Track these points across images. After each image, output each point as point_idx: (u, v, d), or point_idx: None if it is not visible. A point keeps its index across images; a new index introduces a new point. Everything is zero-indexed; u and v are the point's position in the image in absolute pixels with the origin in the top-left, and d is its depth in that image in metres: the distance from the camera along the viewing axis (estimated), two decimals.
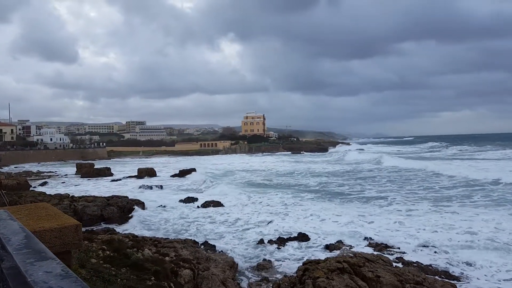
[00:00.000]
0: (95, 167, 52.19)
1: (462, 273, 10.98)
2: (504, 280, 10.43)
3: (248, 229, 17.01)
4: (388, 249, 13.36)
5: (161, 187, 34.53)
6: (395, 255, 12.52)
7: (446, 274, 10.78)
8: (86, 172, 49.50)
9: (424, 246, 13.55)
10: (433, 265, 11.56)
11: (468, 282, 10.34)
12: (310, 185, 33.39)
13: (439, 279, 9.56)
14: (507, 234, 14.62)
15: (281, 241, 14.67)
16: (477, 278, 10.59)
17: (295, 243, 14.49)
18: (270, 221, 18.06)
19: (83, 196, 23.97)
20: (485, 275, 10.76)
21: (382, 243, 13.94)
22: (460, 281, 10.34)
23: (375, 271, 9.09)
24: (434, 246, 13.41)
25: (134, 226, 18.83)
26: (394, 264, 10.71)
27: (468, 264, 11.67)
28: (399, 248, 13.46)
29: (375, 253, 11.63)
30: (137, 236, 13.16)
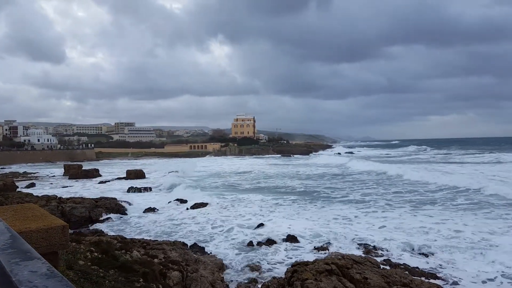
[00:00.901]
0: (83, 168, 51.65)
1: (447, 274, 11.13)
2: (488, 279, 10.60)
3: (237, 231, 17.00)
4: (375, 251, 13.47)
5: (150, 189, 34.31)
6: (383, 257, 12.64)
7: (432, 275, 10.92)
8: (74, 173, 48.94)
9: (408, 248, 13.71)
10: (419, 267, 11.69)
11: (455, 284, 10.48)
12: (295, 187, 33.50)
13: (426, 280, 9.67)
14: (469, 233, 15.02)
15: (270, 243, 14.70)
16: (460, 278, 10.74)
17: (284, 245, 14.53)
18: (260, 224, 18.08)
19: (71, 198, 23.71)
20: (472, 277, 10.92)
21: (369, 245, 14.05)
22: (446, 282, 10.47)
23: (362, 273, 9.17)
24: (413, 249, 13.60)
25: (123, 227, 18.69)
26: (382, 266, 10.81)
27: (453, 265, 11.85)
28: (386, 250, 13.59)
29: (363, 255, 11.72)
30: (125, 238, 13.07)
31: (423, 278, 10.08)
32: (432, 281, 9.97)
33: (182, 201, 25.70)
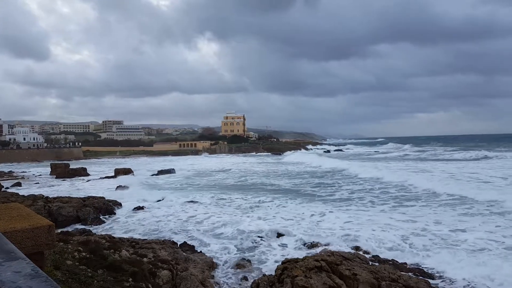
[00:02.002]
0: (70, 167, 51.02)
1: (435, 270, 11.28)
2: (480, 276, 10.76)
3: (227, 229, 16.98)
4: (363, 247, 13.58)
5: (140, 187, 34.05)
6: (371, 254, 12.75)
7: (420, 271, 11.05)
8: (61, 172, 48.30)
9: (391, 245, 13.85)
10: (408, 263, 11.83)
11: (443, 280, 10.63)
12: (283, 185, 33.62)
13: (414, 276, 9.78)
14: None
15: (260, 241, 14.71)
16: (451, 277, 10.90)
17: (273, 242, 14.56)
18: (250, 221, 18.10)
19: (58, 197, 23.37)
20: (460, 272, 11.07)
21: (356, 241, 14.16)
22: (434, 279, 10.61)
23: (352, 269, 9.24)
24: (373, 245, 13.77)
25: (111, 227, 18.51)
26: (370, 262, 10.91)
27: (439, 261, 12.02)
28: (372, 247, 13.72)
29: (352, 251, 11.81)
30: (114, 237, 12.94)
31: (410, 274, 10.19)
32: (420, 277, 10.09)
33: (172, 198, 25.58)
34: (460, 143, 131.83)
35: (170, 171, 47.95)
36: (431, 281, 9.95)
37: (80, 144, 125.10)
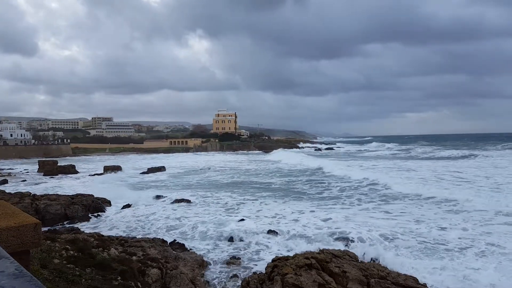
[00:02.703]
0: (58, 164, 50.34)
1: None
2: (470, 268, 10.91)
3: (218, 226, 16.94)
4: (351, 244, 13.67)
5: (129, 185, 33.81)
6: (360, 251, 12.83)
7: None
8: (49, 169, 47.66)
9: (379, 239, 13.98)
10: (396, 260, 11.93)
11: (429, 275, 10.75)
12: (275, 183, 33.68)
13: (402, 273, 9.87)
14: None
15: (250, 238, 14.71)
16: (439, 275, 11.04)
17: (264, 240, 14.57)
18: (241, 219, 18.09)
19: (45, 195, 23.05)
20: (448, 268, 11.22)
21: (349, 239, 14.25)
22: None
23: (341, 267, 9.29)
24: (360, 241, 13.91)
25: (100, 225, 18.34)
26: (360, 259, 10.98)
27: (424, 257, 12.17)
28: (360, 242, 13.82)
29: (342, 249, 11.87)
30: (102, 235, 12.81)
31: (399, 271, 10.28)
32: (408, 274, 10.18)
33: (161, 196, 25.45)
34: (448, 142, 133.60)
35: (160, 169, 47.67)
36: (419, 277, 10.04)
37: (68, 141, 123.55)
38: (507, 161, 46.85)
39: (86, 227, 17.42)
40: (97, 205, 21.77)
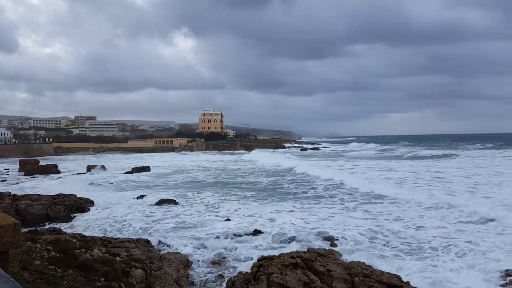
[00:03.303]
0: (40, 163, 49.35)
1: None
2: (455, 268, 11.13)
3: (203, 227, 16.87)
4: (336, 243, 13.79)
5: (112, 184, 33.36)
6: (345, 249, 12.95)
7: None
8: (30, 169, 46.67)
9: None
10: (380, 259, 12.09)
11: (413, 274, 10.92)
12: (262, 182, 33.73)
13: (386, 271, 9.99)
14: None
15: (235, 238, 14.69)
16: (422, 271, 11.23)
17: (249, 240, 14.56)
18: (227, 219, 18.05)
19: (26, 195, 22.56)
20: (433, 266, 11.43)
21: (333, 237, 14.37)
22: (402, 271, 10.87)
23: (326, 266, 9.35)
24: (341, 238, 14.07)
25: (83, 225, 18.04)
26: (345, 258, 11.08)
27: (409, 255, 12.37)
28: (348, 242, 13.96)
29: (327, 248, 11.96)
30: (85, 236, 12.61)
31: (383, 269, 10.41)
32: (392, 272, 10.31)
33: (146, 196, 25.20)
34: (426, 142, 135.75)
35: (144, 169, 47.13)
36: (403, 276, 10.19)
37: (51, 140, 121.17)
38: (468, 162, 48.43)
39: (68, 228, 17.11)
40: (79, 205, 21.42)
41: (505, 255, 12.03)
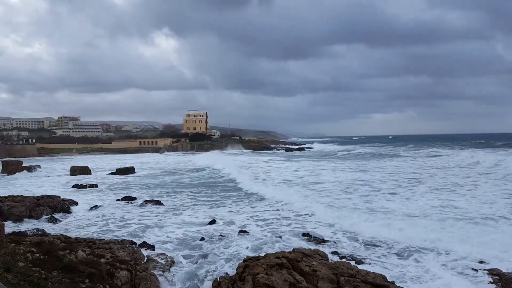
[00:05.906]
0: (23, 165, 48.46)
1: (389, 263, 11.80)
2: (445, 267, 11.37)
3: (188, 227, 16.83)
4: (323, 243, 13.95)
5: (97, 186, 32.96)
6: (331, 249, 13.12)
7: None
8: (13, 170, 45.80)
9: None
10: (365, 258, 12.28)
11: (398, 272, 11.13)
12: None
13: (371, 271, 10.16)
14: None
15: (222, 239, 14.71)
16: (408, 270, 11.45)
17: (236, 240, 14.60)
18: (212, 220, 18.05)
19: (9, 196, 22.11)
20: (416, 265, 11.66)
21: (319, 238, 14.53)
22: (389, 272, 11.08)
23: (312, 266, 9.46)
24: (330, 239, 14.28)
25: (67, 226, 17.80)
26: (330, 258, 11.22)
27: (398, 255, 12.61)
28: (334, 242, 14.13)
29: (312, 248, 12.08)
30: (69, 237, 12.46)
31: (368, 269, 10.58)
32: (377, 272, 10.49)
33: (130, 198, 24.98)
34: (407, 142, 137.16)
35: (129, 170, 46.61)
36: (388, 276, 10.38)
37: (34, 140, 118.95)
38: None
39: (52, 229, 16.85)
40: (63, 207, 21.12)
41: None
